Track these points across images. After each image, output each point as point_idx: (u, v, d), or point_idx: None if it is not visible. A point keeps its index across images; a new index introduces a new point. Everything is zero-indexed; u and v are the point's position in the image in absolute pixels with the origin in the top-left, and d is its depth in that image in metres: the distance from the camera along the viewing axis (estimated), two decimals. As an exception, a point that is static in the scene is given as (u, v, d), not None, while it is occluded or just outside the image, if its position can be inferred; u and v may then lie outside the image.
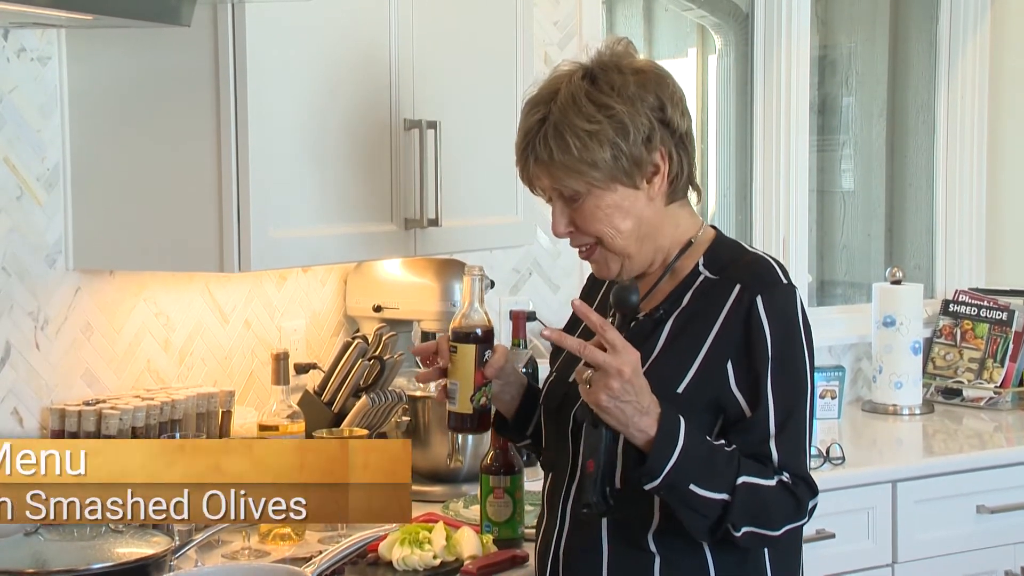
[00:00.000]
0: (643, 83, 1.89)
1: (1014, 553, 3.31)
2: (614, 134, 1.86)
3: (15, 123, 2.39)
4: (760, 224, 3.99)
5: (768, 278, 1.89)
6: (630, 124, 1.87)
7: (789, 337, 1.86)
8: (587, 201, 1.90)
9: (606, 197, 1.89)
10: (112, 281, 2.55)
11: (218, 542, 2.36)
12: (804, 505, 1.85)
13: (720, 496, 1.78)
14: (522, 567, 2.28)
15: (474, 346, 1.96)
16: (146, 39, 2.32)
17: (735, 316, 1.86)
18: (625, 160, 1.87)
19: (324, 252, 2.48)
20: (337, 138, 2.46)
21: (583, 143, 1.86)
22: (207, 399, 2.57)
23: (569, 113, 1.87)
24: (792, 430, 1.84)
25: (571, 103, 1.88)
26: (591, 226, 1.91)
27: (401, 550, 2.25)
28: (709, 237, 1.98)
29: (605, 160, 1.86)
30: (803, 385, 1.88)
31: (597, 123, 1.86)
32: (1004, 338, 3.90)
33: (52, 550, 2.14)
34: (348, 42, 2.47)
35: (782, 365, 1.85)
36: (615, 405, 1.74)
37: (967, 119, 4.24)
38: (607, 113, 1.86)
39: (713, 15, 4.09)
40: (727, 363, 1.85)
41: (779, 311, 1.86)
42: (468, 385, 1.95)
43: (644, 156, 1.88)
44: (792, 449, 1.84)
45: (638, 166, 1.88)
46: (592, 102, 1.87)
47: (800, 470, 1.85)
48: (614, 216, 1.90)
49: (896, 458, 3.38)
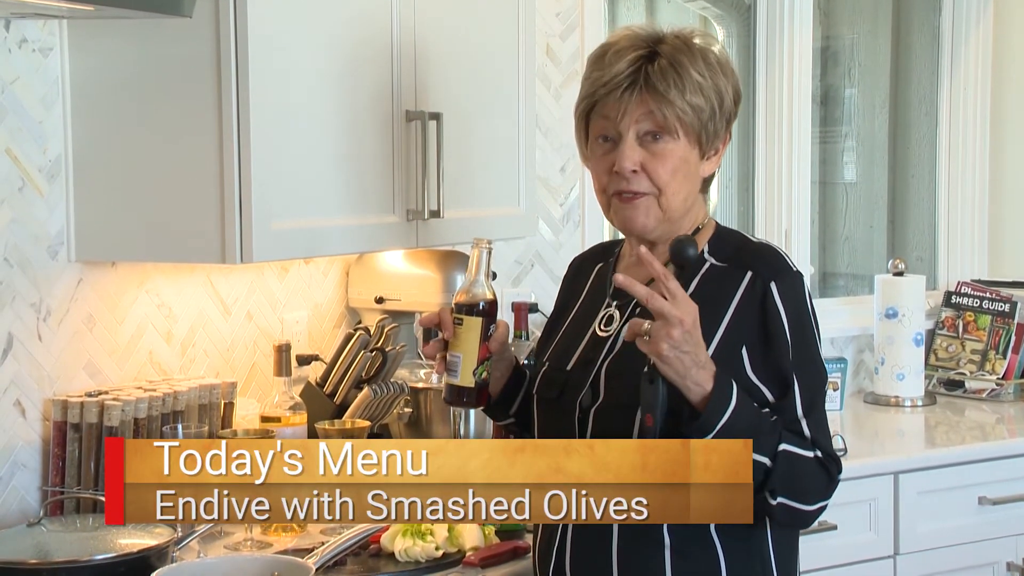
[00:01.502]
0: (732, 68, 1.96)
1: (1016, 544, 3.31)
2: (713, 94, 1.92)
3: (17, 114, 2.39)
4: (762, 215, 3.99)
5: (778, 264, 1.91)
6: (724, 93, 1.93)
7: (803, 322, 1.89)
8: (668, 145, 1.90)
9: (684, 149, 1.91)
10: (114, 272, 2.55)
11: (220, 533, 2.36)
12: (835, 483, 1.89)
13: (763, 459, 1.79)
14: (524, 558, 2.28)
15: (480, 319, 1.94)
16: (148, 30, 2.31)
17: (749, 302, 1.87)
18: (712, 124, 1.92)
19: (326, 244, 2.48)
20: (339, 129, 2.45)
21: (693, 88, 1.89)
22: (209, 391, 2.58)
23: (683, 58, 1.90)
24: (818, 411, 1.88)
25: (685, 50, 1.91)
26: (660, 173, 1.91)
27: (403, 541, 2.25)
28: (712, 226, 2.00)
29: (703, 113, 1.90)
30: (821, 367, 1.92)
31: (704, 77, 1.90)
32: (1006, 330, 3.90)
33: (54, 541, 2.14)
34: (350, 33, 2.47)
35: (801, 349, 1.87)
36: (676, 355, 1.73)
37: (969, 110, 4.23)
38: (712, 75, 1.91)
39: (715, 6, 4.08)
40: (742, 349, 1.86)
41: (793, 297, 1.88)
42: (472, 358, 1.94)
43: (721, 130, 1.94)
44: (823, 429, 1.88)
45: (716, 136, 1.93)
46: (703, 58, 1.91)
47: (830, 448, 1.89)
48: (681, 172, 1.92)
49: (898, 450, 3.37)
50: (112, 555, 2.06)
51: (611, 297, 2.01)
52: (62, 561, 2.04)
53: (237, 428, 2.57)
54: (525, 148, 2.92)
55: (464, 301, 1.95)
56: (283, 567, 2.00)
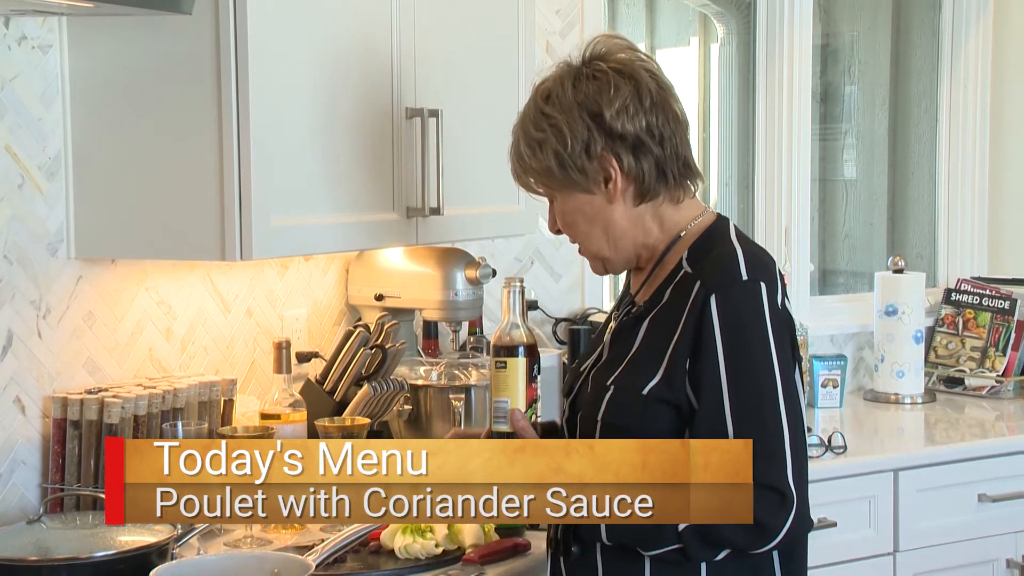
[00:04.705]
0: (587, 92, 1.90)
1: (1015, 541, 3.31)
2: (556, 142, 1.90)
3: (16, 111, 2.38)
4: (762, 213, 3.99)
5: (726, 275, 1.84)
6: (568, 132, 1.90)
7: (743, 337, 1.80)
8: (556, 205, 1.97)
9: (569, 202, 1.95)
10: (114, 270, 2.55)
11: (220, 530, 2.36)
12: (767, 526, 1.77)
13: (671, 547, 1.79)
14: (524, 555, 2.29)
15: (524, 359, 1.91)
16: (147, 27, 2.31)
17: (692, 316, 1.83)
18: (570, 168, 1.91)
19: (326, 241, 2.48)
20: (339, 126, 2.45)
21: (532, 151, 1.93)
22: (209, 388, 2.58)
23: (525, 122, 1.95)
24: (756, 434, 1.74)
25: (527, 113, 1.96)
26: (568, 231, 1.98)
27: (403, 538, 2.25)
28: (701, 228, 1.95)
29: (552, 168, 1.91)
30: (766, 387, 1.80)
31: (542, 131, 1.92)
32: (1006, 327, 3.90)
33: (55, 538, 2.14)
34: (350, 30, 2.47)
35: (736, 368, 1.79)
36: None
37: (969, 107, 4.23)
38: (549, 122, 1.91)
39: (715, 3, 4.08)
40: (685, 364, 1.83)
41: (732, 308, 1.81)
42: (519, 402, 1.90)
43: (586, 164, 1.90)
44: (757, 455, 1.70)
45: (583, 173, 1.91)
46: (539, 112, 1.93)
47: (767, 478, 1.75)
48: (579, 221, 1.95)
49: (898, 447, 3.38)
50: (112, 552, 2.06)
51: (618, 306, 2.02)
52: (62, 558, 2.04)
53: (237, 425, 2.57)
54: (525, 145, 2.92)
55: (505, 344, 1.92)
56: (283, 564, 2.00)
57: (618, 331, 1.95)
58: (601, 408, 1.88)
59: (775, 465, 1.77)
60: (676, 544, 1.78)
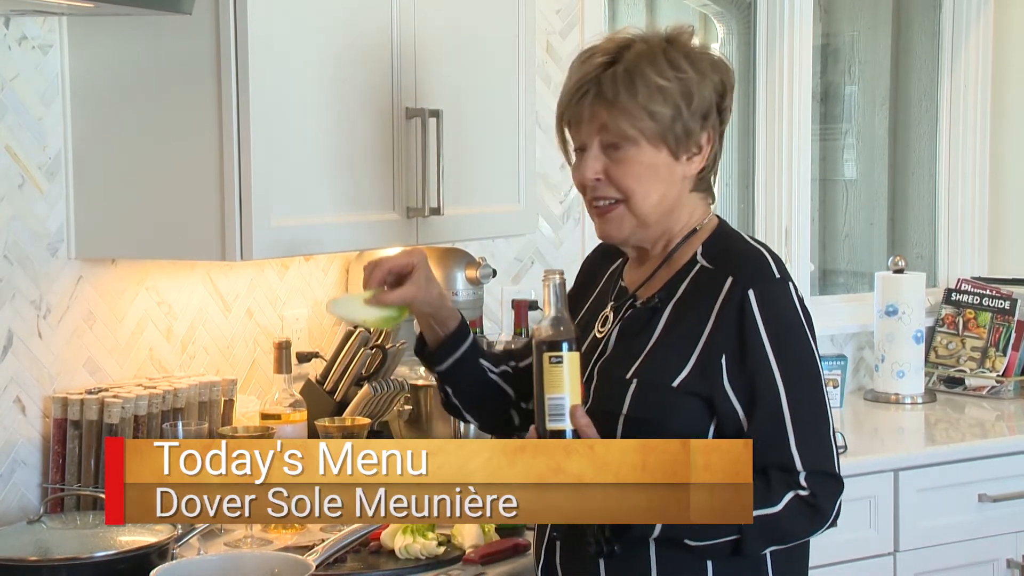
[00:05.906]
0: (714, 63, 1.94)
1: (1015, 541, 3.31)
2: (679, 96, 1.89)
3: (16, 111, 2.39)
4: (762, 213, 3.98)
5: (760, 270, 1.87)
6: (696, 93, 1.89)
7: (787, 331, 1.85)
8: (629, 152, 1.89)
9: (649, 154, 1.89)
10: (114, 270, 2.55)
11: (220, 530, 2.36)
12: (824, 511, 1.83)
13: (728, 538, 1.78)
14: (524, 555, 2.29)
15: (578, 352, 1.81)
16: (148, 27, 2.31)
17: (728, 311, 1.84)
18: (680, 126, 1.89)
19: (326, 241, 2.48)
20: (339, 126, 2.45)
21: (650, 93, 1.87)
22: (209, 388, 2.58)
23: (643, 63, 1.89)
24: (811, 424, 1.83)
25: (647, 54, 1.90)
26: (624, 180, 1.90)
27: (403, 538, 2.25)
28: (712, 226, 1.97)
29: (664, 117, 1.88)
30: (813, 376, 1.86)
31: (667, 80, 1.88)
32: (1006, 327, 3.90)
33: (55, 538, 2.15)
34: (350, 30, 2.47)
35: (787, 361, 1.83)
36: None
37: (970, 107, 4.23)
38: (679, 75, 1.89)
39: (716, 3, 4.08)
40: (721, 358, 1.84)
41: (773, 304, 1.84)
42: (577, 398, 1.80)
43: (696, 130, 1.90)
44: (814, 444, 1.83)
45: (688, 137, 1.90)
46: (668, 60, 1.89)
47: (823, 465, 1.83)
48: (648, 177, 1.90)
49: (898, 447, 3.37)
50: (113, 552, 2.06)
51: (612, 299, 2.01)
52: (63, 558, 2.04)
53: (237, 425, 2.57)
54: (525, 145, 2.92)
55: (558, 338, 1.80)
56: (283, 564, 2.01)
57: (627, 324, 1.94)
58: (625, 403, 1.87)
59: (828, 453, 1.86)
60: (734, 535, 1.78)
